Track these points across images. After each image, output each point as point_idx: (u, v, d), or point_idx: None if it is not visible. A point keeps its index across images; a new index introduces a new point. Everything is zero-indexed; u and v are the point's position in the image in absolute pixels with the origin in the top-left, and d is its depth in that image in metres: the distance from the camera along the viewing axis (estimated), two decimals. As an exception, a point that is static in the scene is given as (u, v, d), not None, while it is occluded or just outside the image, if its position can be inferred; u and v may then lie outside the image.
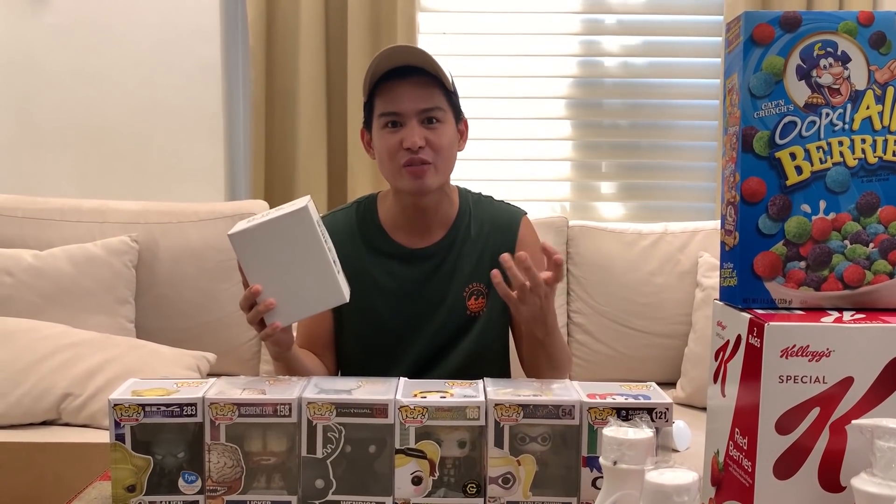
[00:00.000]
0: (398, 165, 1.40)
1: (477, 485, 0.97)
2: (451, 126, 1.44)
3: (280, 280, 1.13)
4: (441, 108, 1.41)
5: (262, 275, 1.13)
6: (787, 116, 0.84)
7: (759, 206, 0.84)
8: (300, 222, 1.10)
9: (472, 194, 1.55)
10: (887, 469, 0.71)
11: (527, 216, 1.54)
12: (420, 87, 1.39)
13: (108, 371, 1.94)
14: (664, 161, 2.74)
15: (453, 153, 1.45)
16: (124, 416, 0.95)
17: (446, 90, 1.42)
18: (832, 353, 0.78)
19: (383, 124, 1.41)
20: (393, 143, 1.39)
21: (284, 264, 1.12)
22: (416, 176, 1.39)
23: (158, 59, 2.54)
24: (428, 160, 1.39)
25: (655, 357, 2.33)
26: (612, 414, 0.94)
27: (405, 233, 1.48)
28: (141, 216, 2.32)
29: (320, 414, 0.96)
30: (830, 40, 0.83)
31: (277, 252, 1.11)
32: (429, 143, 1.39)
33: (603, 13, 2.67)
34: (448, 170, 1.45)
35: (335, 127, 2.57)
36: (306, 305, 1.16)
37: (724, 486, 0.87)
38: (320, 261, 1.12)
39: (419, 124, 1.39)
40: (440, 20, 2.64)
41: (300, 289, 1.13)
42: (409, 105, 1.39)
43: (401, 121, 1.39)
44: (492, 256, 1.44)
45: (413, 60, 1.39)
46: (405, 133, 1.38)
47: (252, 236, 1.12)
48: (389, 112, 1.40)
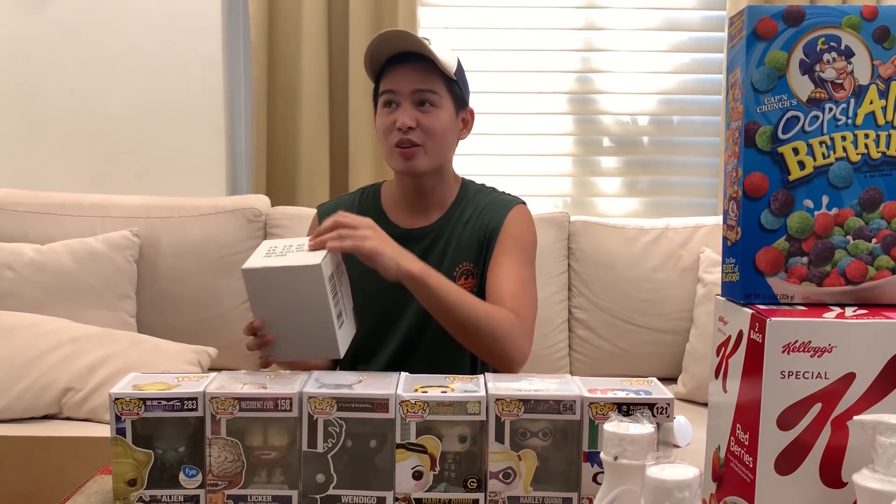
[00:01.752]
0: (391, 145, 1.45)
1: (478, 480, 0.97)
2: (448, 112, 1.46)
3: (282, 321, 1.15)
4: (436, 93, 1.44)
5: (266, 311, 1.15)
6: (790, 111, 0.83)
7: (762, 201, 0.84)
8: (310, 277, 1.12)
9: (475, 184, 1.58)
10: (889, 465, 0.70)
11: (523, 206, 1.54)
12: (418, 71, 1.44)
13: (109, 366, 1.95)
14: (666, 157, 2.73)
15: (448, 139, 1.48)
16: (125, 411, 0.95)
17: (448, 77, 1.45)
18: (834, 348, 0.78)
19: (382, 103, 1.46)
20: (387, 123, 1.44)
21: (289, 309, 1.14)
22: (406, 157, 1.44)
23: (160, 55, 2.54)
24: (417, 142, 1.43)
25: (657, 353, 2.33)
26: (613, 409, 0.94)
27: (403, 213, 1.52)
28: (142, 211, 2.32)
29: (321, 408, 0.95)
30: (834, 35, 0.83)
31: (284, 297, 1.13)
32: (420, 124, 1.43)
33: (605, 7, 2.66)
34: (441, 154, 1.47)
35: (337, 122, 2.56)
36: (303, 349, 1.19)
37: (726, 482, 0.87)
38: (323, 316, 1.13)
39: (412, 105, 1.43)
40: (442, 14, 2.64)
41: (300, 334, 1.15)
42: (404, 85, 1.43)
43: (396, 100, 1.44)
44: (480, 236, 1.48)
45: (411, 47, 1.43)
46: (399, 113, 1.43)
47: (263, 276, 1.13)
48: (387, 90, 1.45)
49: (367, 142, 2.51)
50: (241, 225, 2.32)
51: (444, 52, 1.46)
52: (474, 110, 1.55)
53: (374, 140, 2.51)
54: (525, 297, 1.41)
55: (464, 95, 1.51)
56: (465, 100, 1.51)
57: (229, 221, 2.33)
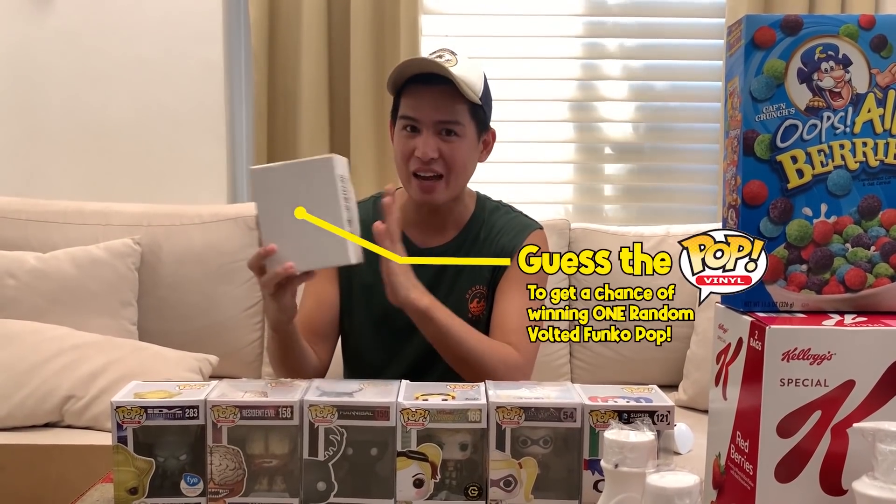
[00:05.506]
0: (409, 172, 1.41)
1: (478, 488, 0.97)
2: (470, 140, 1.43)
3: (289, 225, 1.10)
4: (460, 123, 1.40)
5: (272, 217, 1.12)
6: (789, 120, 0.84)
7: (761, 209, 0.84)
8: (320, 171, 1.09)
9: (490, 202, 1.55)
10: (889, 472, 0.70)
11: (541, 231, 1.52)
12: (443, 98, 1.38)
13: (110, 373, 1.95)
14: (666, 164, 2.74)
15: (469, 167, 1.45)
16: (126, 419, 0.95)
17: (471, 102, 1.40)
18: (834, 356, 0.78)
19: (402, 126, 1.42)
20: (407, 149, 1.41)
21: (296, 213, 1.10)
22: (425, 191, 1.41)
23: (161, 61, 2.54)
24: (440, 172, 1.40)
25: (657, 360, 2.32)
26: (613, 417, 0.94)
27: (418, 230, 1.49)
28: (144, 218, 2.32)
29: (322, 416, 0.96)
30: (832, 44, 0.83)
31: (292, 196, 1.10)
32: (442, 155, 1.39)
33: (605, 16, 2.67)
34: (461, 184, 1.45)
35: (337, 129, 2.57)
36: (311, 258, 1.13)
37: (726, 490, 0.87)
38: (332, 215, 1.09)
39: (435, 135, 1.39)
40: (443, 22, 2.64)
41: (307, 239, 1.10)
42: (427, 114, 1.39)
43: (418, 126, 1.40)
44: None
45: (436, 69, 1.37)
46: (419, 141, 1.39)
47: (271, 175, 1.11)
48: (408, 116, 1.40)
49: (368, 149, 2.51)
50: (242, 232, 2.33)
51: (472, 71, 1.40)
52: (496, 131, 1.51)
53: (374, 147, 2.52)
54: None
55: (487, 117, 1.47)
56: (487, 122, 1.47)
57: (231, 229, 2.33)
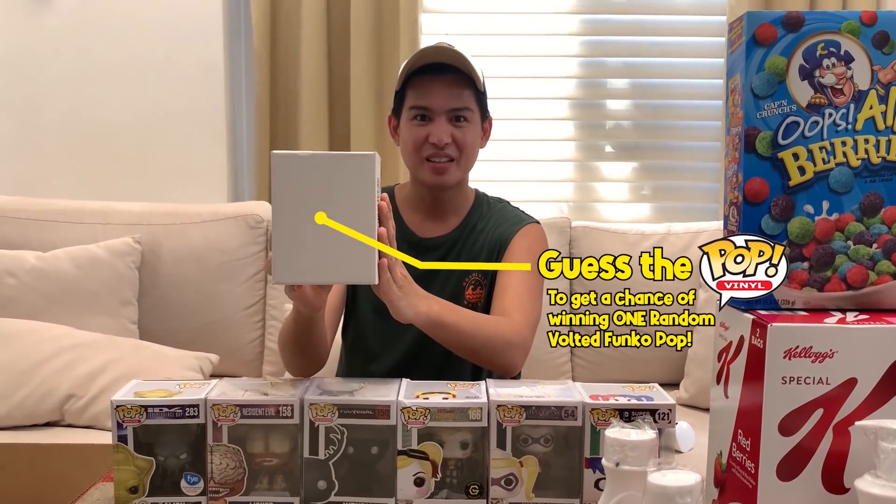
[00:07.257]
0: (421, 158, 1.45)
1: (479, 486, 0.96)
2: (477, 125, 1.49)
3: (309, 227, 0.94)
4: (470, 109, 1.46)
5: (291, 214, 0.95)
6: (790, 117, 0.83)
7: (762, 206, 0.84)
8: (359, 170, 0.94)
9: (489, 196, 1.59)
10: (891, 471, 0.70)
11: (537, 224, 1.54)
12: (452, 86, 1.44)
13: (111, 372, 1.95)
14: (667, 161, 2.73)
15: (476, 151, 1.51)
16: (127, 418, 0.95)
17: (476, 89, 1.46)
18: (835, 354, 0.78)
19: (412, 116, 1.46)
20: (420, 136, 1.44)
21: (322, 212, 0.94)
22: (438, 172, 1.45)
23: (161, 61, 2.54)
24: (452, 156, 1.45)
25: (658, 358, 2.32)
26: (614, 415, 0.94)
27: (420, 220, 1.52)
28: (144, 217, 2.32)
29: (322, 415, 0.96)
30: (833, 40, 0.83)
31: (318, 193, 0.93)
32: (455, 140, 1.45)
33: (605, 14, 2.66)
34: (469, 167, 1.50)
35: (338, 128, 2.57)
36: (329, 270, 0.97)
37: (728, 488, 0.87)
38: (364, 223, 0.94)
39: (447, 121, 1.44)
40: (443, 21, 2.64)
41: (329, 247, 0.94)
42: (440, 102, 1.43)
43: (430, 115, 1.44)
44: (491, 247, 1.48)
45: (448, 59, 1.43)
46: (433, 128, 1.43)
47: (298, 164, 0.94)
48: (420, 106, 1.44)
49: (368, 149, 2.50)
50: (242, 231, 2.32)
51: (476, 63, 1.46)
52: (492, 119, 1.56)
53: (374, 147, 2.51)
54: (527, 302, 1.41)
55: (487, 105, 1.52)
56: (488, 110, 1.53)
57: (231, 228, 2.33)
